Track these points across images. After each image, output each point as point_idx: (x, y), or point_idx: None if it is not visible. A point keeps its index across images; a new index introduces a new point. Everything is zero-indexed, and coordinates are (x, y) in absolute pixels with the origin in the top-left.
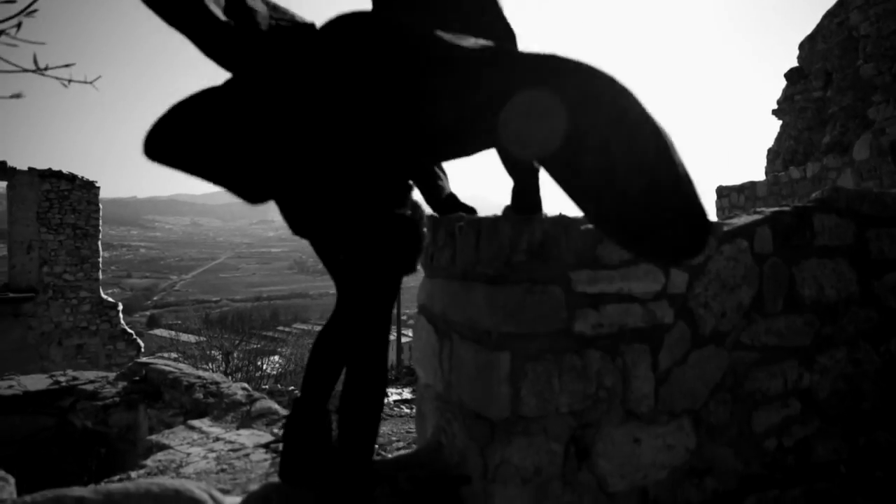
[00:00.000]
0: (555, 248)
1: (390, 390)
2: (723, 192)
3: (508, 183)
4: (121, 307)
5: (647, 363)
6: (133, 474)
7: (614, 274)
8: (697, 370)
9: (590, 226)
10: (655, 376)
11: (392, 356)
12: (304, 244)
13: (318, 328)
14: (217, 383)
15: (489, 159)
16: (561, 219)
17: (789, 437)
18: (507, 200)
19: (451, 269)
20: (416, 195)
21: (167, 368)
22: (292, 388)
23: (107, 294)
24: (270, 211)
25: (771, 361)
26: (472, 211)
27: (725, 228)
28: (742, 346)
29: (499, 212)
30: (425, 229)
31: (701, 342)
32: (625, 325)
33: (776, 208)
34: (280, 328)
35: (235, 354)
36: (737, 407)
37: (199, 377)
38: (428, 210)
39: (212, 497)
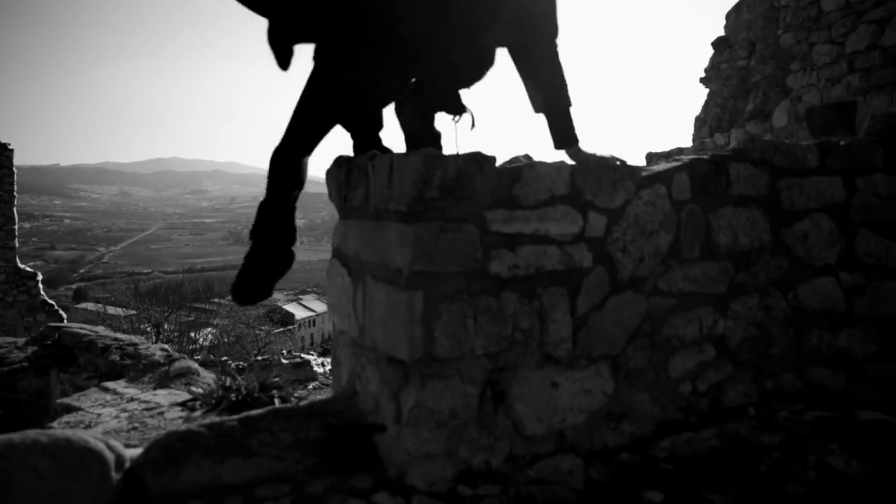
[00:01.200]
0: (469, 186)
1: (325, 360)
2: (652, 159)
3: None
4: (41, 277)
5: (564, 307)
6: None
7: (531, 214)
8: (616, 315)
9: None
10: (573, 320)
11: (327, 328)
12: (239, 214)
13: None
14: (135, 344)
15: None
16: (476, 156)
17: (703, 381)
18: None
19: (365, 209)
20: None
21: (82, 331)
22: (225, 358)
23: (28, 266)
24: (204, 180)
25: (687, 308)
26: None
27: (644, 174)
28: (660, 292)
29: None
30: None
31: (619, 287)
32: (542, 267)
33: (694, 156)
34: (214, 300)
35: (167, 326)
36: (654, 352)
37: (115, 339)
38: None
39: (109, 447)
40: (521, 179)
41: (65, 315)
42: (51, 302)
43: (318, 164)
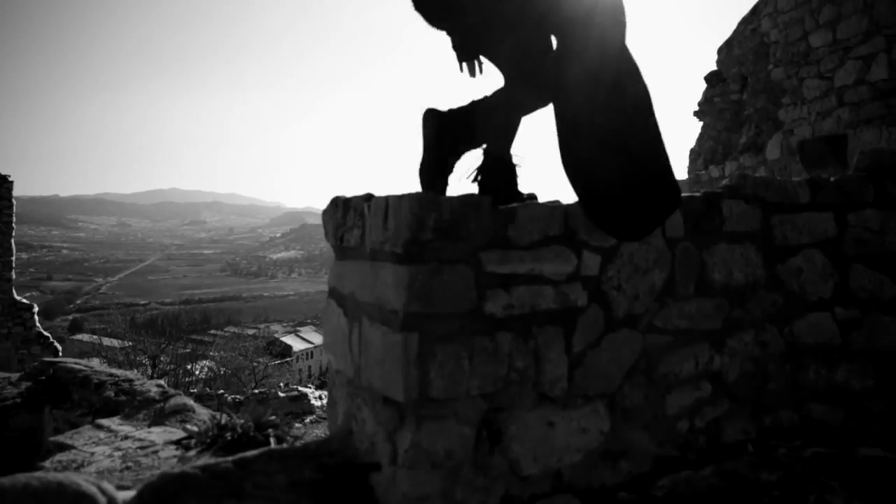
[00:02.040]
0: (464, 228)
1: (322, 393)
2: None
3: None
4: (36, 309)
5: (560, 346)
6: None
7: (525, 255)
8: (612, 353)
9: (501, 206)
10: (569, 359)
11: (325, 360)
12: (237, 245)
13: (252, 331)
14: (130, 381)
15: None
16: (470, 198)
17: (701, 418)
18: None
19: (361, 249)
20: None
21: (77, 367)
22: (222, 391)
23: (24, 297)
24: (202, 211)
25: (683, 344)
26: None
27: None
28: (655, 329)
29: None
30: None
31: (615, 325)
32: (536, 306)
33: (687, 194)
34: (212, 332)
35: (163, 359)
36: (651, 390)
37: (110, 374)
38: None
39: (101, 490)
40: (515, 220)
41: (60, 348)
42: (46, 334)
43: (317, 197)
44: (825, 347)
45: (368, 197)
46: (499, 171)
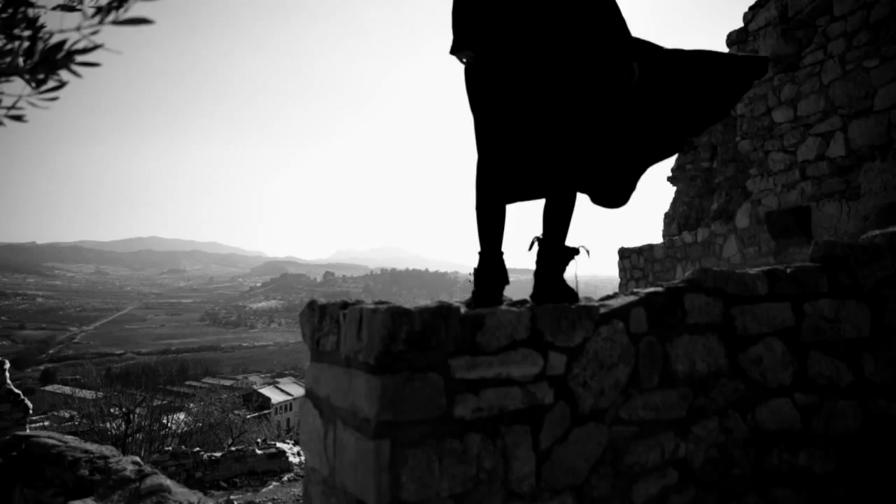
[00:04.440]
0: (434, 337)
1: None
2: (624, 254)
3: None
4: (8, 365)
5: (527, 443)
6: None
7: (493, 360)
8: (579, 447)
9: (471, 312)
10: (537, 455)
11: None
12: (217, 295)
13: (229, 382)
14: (105, 458)
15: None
16: (440, 309)
17: None
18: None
19: (336, 355)
20: None
21: (51, 442)
22: (198, 449)
23: None
24: (182, 260)
25: (648, 434)
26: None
27: (602, 311)
28: (621, 421)
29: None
30: None
31: (581, 420)
32: (504, 407)
33: (651, 289)
34: (189, 383)
35: (137, 412)
36: (618, 480)
37: (85, 451)
38: None
39: None
40: (483, 327)
41: (31, 405)
42: (17, 392)
43: (299, 246)
44: (787, 433)
45: (344, 305)
46: (564, 258)
